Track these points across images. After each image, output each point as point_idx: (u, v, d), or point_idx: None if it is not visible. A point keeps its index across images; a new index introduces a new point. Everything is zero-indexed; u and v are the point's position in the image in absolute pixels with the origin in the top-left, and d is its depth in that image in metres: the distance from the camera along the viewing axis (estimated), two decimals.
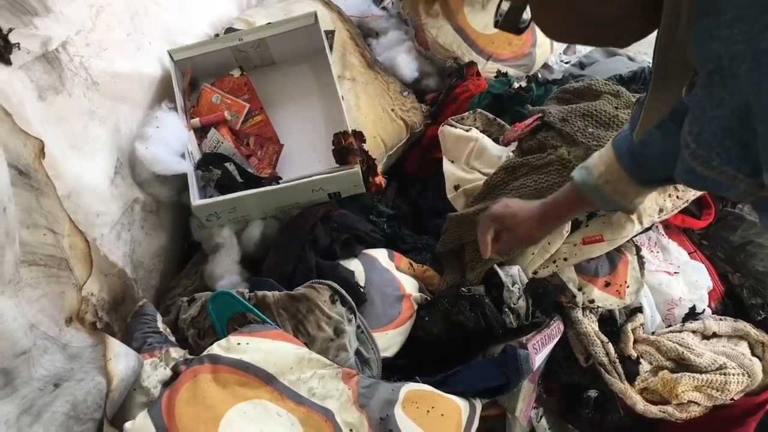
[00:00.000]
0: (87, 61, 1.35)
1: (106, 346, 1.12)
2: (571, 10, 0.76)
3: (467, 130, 1.66)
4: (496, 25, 0.90)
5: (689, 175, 0.77)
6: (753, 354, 1.49)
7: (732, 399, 1.40)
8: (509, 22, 0.88)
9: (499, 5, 0.87)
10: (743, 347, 1.49)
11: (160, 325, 1.32)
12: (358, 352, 1.36)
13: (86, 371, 1.04)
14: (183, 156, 1.54)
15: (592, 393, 1.49)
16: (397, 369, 1.48)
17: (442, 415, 1.22)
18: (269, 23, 1.74)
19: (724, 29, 0.62)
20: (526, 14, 0.85)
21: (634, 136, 0.99)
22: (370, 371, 1.36)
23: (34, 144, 1.10)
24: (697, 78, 0.70)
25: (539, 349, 1.35)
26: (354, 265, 1.50)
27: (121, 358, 1.11)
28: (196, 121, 1.66)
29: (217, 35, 1.84)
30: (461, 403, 1.28)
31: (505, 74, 2.00)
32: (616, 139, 1.12)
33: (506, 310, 1.39)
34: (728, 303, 1.65)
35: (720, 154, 0.69)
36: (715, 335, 1.51)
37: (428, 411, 1.22)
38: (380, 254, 1.56)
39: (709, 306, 1.59)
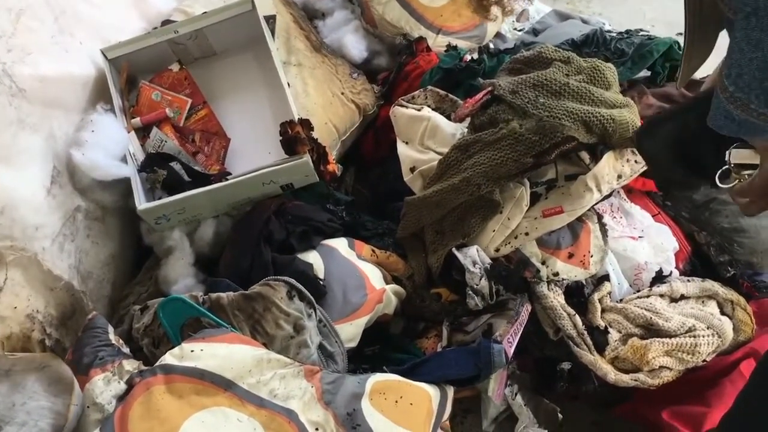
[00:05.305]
0: (10, 68, 1.29)
1: None
2: None
3: (419, 110, 1.62)
4: None
5: (724, 120, 0.78)
6: (722, 313, 1.48)
7: (704, 361, 1.39)
8: None
9: None
10: (712, 307, 1.48)
11: (112, 337, 1.27)
12: (321, 347, 1.33)
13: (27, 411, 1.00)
14: (124, 159, 1.49)
15: (566, 365, 1.48)
16: (366, 359, 1.46)
17: (411, 404, 1.20)
18: (205, 12, 1.67)
19: None
20: None
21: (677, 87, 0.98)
22: (335, 365, 1.33)
23: None
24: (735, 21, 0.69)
25: (513, 342, 1.34)
26: (312, 257, 1.47)
27: None
28: (136, 120, 1.60)
29: (155, 28, 1.77)
30: (431, 390, 1.26)
31: (455, 47, 1.95)
32: None
33: (470, 292, 1.37)
34: (696, 262, 1.64)
35: (759, 96, 0.69)
36: (683, 297, 1.50)
37: (396, 401, 1.19)
38: (340, 244, 1.52)
39: (678, 267, 1.58)
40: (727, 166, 0.95)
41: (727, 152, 0.94)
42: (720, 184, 0.97)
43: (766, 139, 0.77)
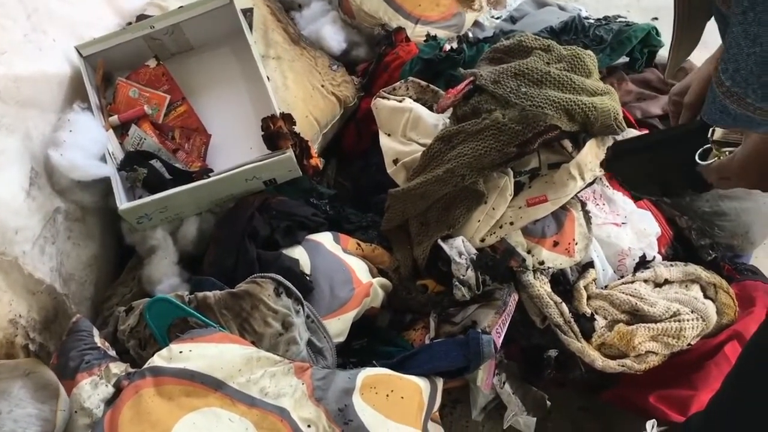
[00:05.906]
0: None
1: None
2: None
3: (400, 101, 1.61)
4: None
5: (720, 114, 0.77)
6: (705, 296, 1.49)
7: (689, 344, 1.41)
8: None
9: None
10: (695, 291, 1.50)
11: (98, 340, 1.26)
12: (310, 343, 1.32)
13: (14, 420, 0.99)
14: (103, 158, 1.46)
15: (553, 353, 1.48)
16: (354, 353, 1.45)
17: (402, 397, 1.20)
18: (181, 6, 1.64)
19: None
20: None
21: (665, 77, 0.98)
22: (325, 360, 1.33)
23: None
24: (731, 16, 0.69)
25: (501, 332, 1.35)
26: (298, 252, 1.45)
27: None
28: (114, 118, 1.57)
29: (130, 23, 1.74)
30: (421, 383, 1.26)
31: (434, 37, 1.94)
32: None
33: (457, 283, 1.37)
34: (678, 247, 1.65)
35: (756, 91, 0.69)
36: (667, 282, 1.51)
37: (387, 395, 1.19)
38: (325, 238, 1.51)
39: (660, 252, 1.59)
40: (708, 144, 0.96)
41: (710, 129, 0.95)
42: (699, 161, 0.99)
43: (762, 131, 0.77)
